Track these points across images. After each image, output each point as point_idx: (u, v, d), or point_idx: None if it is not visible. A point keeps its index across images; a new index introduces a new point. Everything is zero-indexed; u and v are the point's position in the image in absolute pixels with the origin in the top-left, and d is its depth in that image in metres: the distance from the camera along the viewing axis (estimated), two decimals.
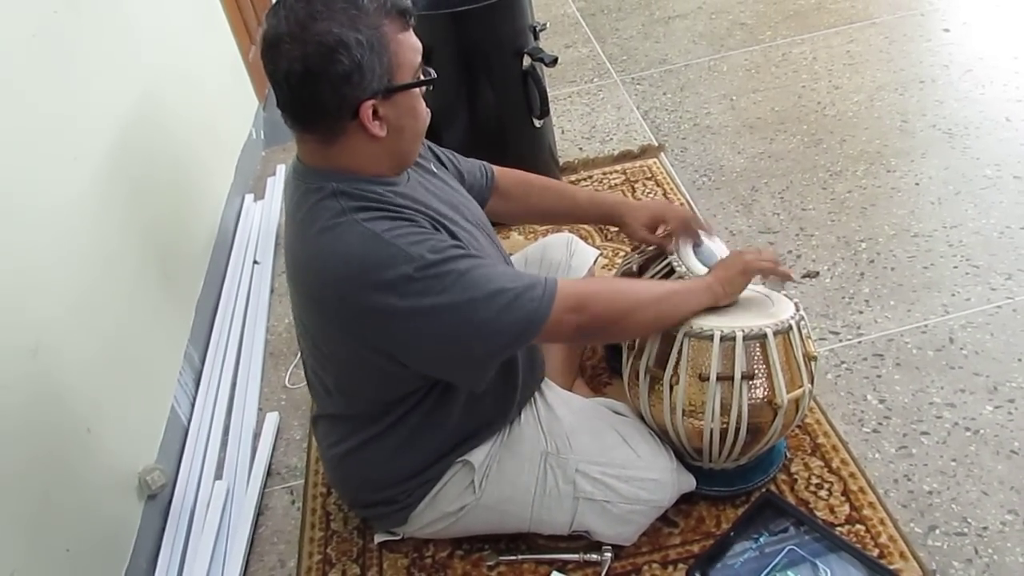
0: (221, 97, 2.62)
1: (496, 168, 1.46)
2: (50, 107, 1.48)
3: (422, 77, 1.07)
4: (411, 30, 1.05)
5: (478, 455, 1.25)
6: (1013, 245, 1.81)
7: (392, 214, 1.05)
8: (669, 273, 1.42)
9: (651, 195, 2.23)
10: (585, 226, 2.11)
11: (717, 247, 1.43)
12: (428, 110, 1.11)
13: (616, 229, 2.05)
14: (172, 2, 2.32)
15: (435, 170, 1.25)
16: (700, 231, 1.41)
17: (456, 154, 1.39)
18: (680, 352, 1.23)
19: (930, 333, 1.63)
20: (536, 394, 1.33)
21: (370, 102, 1.01)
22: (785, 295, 1.35)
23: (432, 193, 1.18)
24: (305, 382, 1.78)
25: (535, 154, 2.18)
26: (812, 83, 2.59)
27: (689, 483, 1.32)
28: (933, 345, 1.60)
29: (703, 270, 1.33)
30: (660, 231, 1.42)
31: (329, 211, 1.05)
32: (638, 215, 1.42)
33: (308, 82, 0.98)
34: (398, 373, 1.12)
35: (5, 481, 1.14)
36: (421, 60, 1.07)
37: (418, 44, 1.06)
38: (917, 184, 2.07)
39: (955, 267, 1.78)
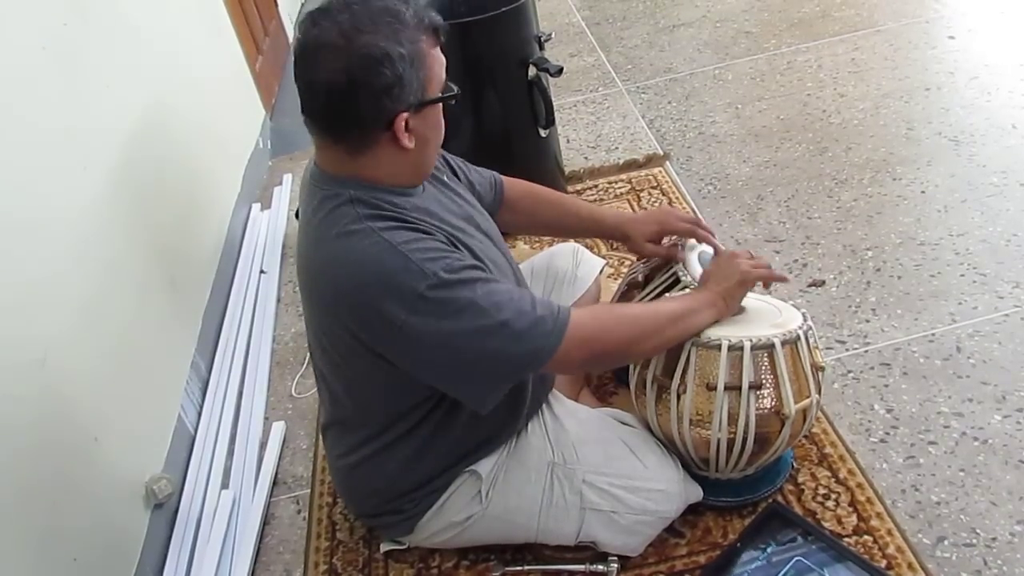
0: (228, 107, 2.63)
1: (505, 179, 1.46)
2: (59, 118, 1.49)
3: (444, 92, 1.08)
4: (440, 46, 1.06)
5: (485, 465, 1.25)
6: (1021, 253, 1.80)
7: (409, 225, 1.06)
8: (674, 283, 1.42)
9: (656, 204, 2.23)
10: None
11: None
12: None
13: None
14: (179, 13, 2.33)
15: (448, 181, 1.26)
16: (704, 239, 1.42)
17: (467, 163, 1.40)
18: (687, 361, 1.23)
19: (937, 342, 1.62)
20: (543, 405, 1.33)
21: (404, 115, 1.03)
22: (792, 304, 1.35)
23: (446, 206, 1.18)
24: (311, 392, 1.81)
25: (540, 164, 2.18)
26: (817, 91, 2.59)
27: (696, 494, 1.32)
28: (940, 354, 1.60)
29: None
30: (665, 241, 1.43)
31: (346, 217, 1.06)
32: (642, 230, 1.42)
33: (349, 93, 1.00)
34: (408, 382, 1.13)
35: (13, 491, 1.14)
36: (447, 74, 1.08)
37: (443, 59, 1.08)
38: (923, 192, 2.07)
39: (962, 275, 1.78)
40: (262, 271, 2.23)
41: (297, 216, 2.49)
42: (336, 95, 1.00)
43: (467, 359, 1.06)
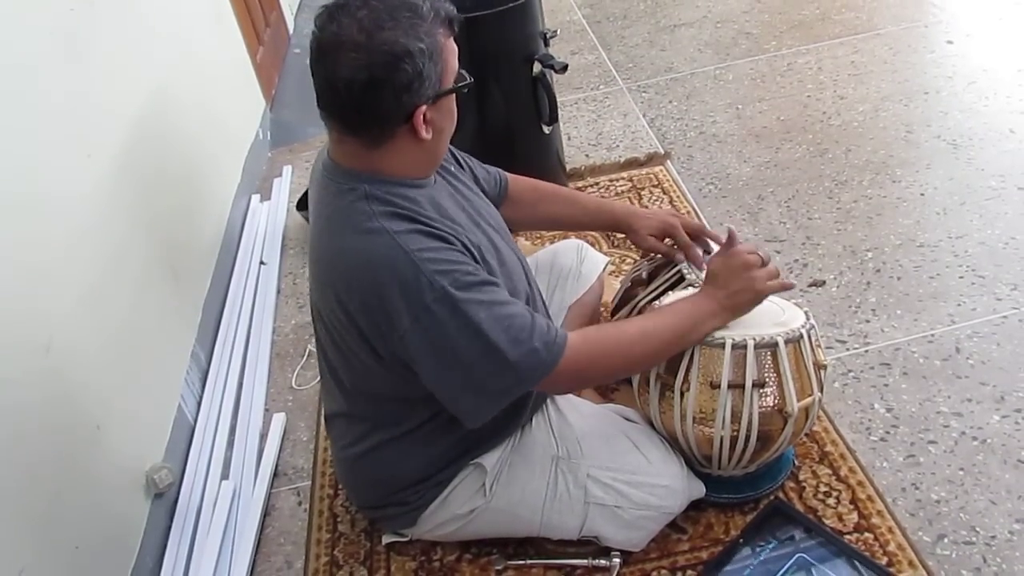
0: (229, 98, 2.62)
1: (509, 175, 1.47)
2: (65, 103, 1.49)
3: (459, 81, 1.09)
4: (453, 36, 1.07)
5: (490, 459, 1.26)
6: (1018, 256, 1.82)
7: (424, 228, 1.07)
8: (679, 280, 1.43)
9: (657, 202, 2.23)
10: (592, 232, 2.11)
11: None
12: None
13: (623, 236, 2.08)
14: (184, 3, 2.32)
15: (455, 172, 1.27)
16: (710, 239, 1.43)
17: (472, 158, 1.40)
18: (691, 360, 1.24)
19: (937, 343, 1.64)
20: (547, 399, 1.34)
21: (423, 107, 1.04)
22: (794, 304, 1.36)
23: (455, 199, 1.19)
24: (312, 384, 1.81)
25: (543, 160, 2.18)
26: (817, 93, 2.61)
27: (699, 490, 1.33)
28: (940, 355, 1.61)
29: None
30: (668, 242, 1.43)
31: (361, 215, 1.06)
32: (647, 224, 1.43)
33: (371, 89, 1.00)
34: (413, 377, 1.13)
35: (18, 478, 1.14)
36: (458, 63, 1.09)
37: (456, 48, 1.08)
38: (922, 194, 2.08)
39: (961, 277, 1.79)
40: (262, 262, 2.23)
41: (298, 208, 2.49)
42: (357, 92, 1.01)
43: (458, 377, 1.08)
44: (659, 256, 1.51)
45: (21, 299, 1.22)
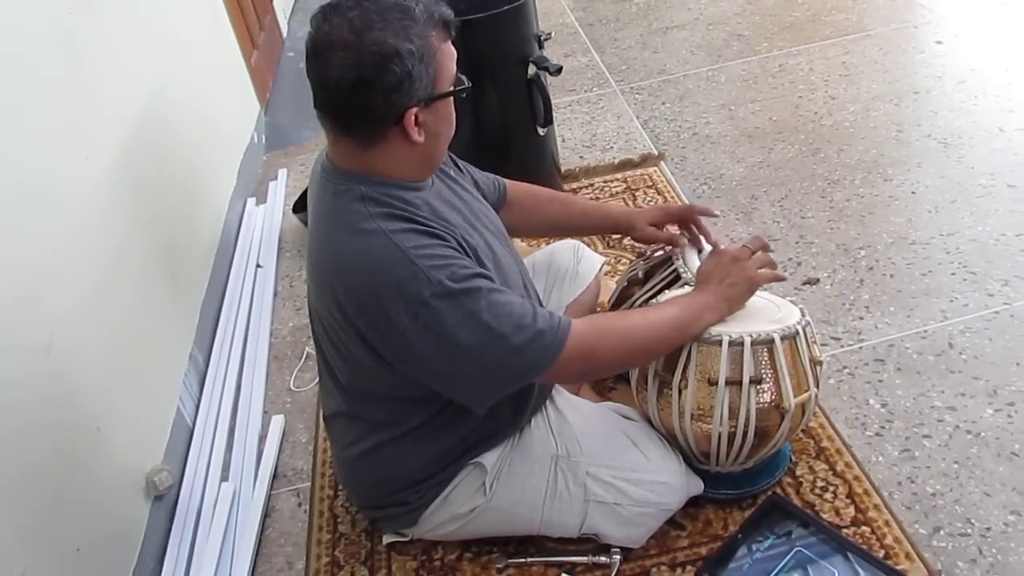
0: (224, 101, 2.63)
1: (507, 181, 1.48)
2: (64, 106, 1.49)
3: (457, 85, 1.10)
4: (451, 40, 1.08)
5: (490, 458, 1.27)
6: (1009, 252, 1.84)
7: (420, 227, 1.07)
8: (675, 279, 1.44)
9: (652, 203, 2.25)
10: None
11: None
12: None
13: (619, 236, 2.10)
14: (179, 5, 2.33)
15: (454, 175, 1.28)
16: (703, 238, 1.45)
17: (470, 165, 1.42)
18: (689, 357, 1.25)
19: (930, 338, 1.66)
20: (547, 400, 1.34)
21: (414, 109, 1.04)
22: (790, 301, 1.38)
23: (453, 202, 1.20)
24: (310, 385, 1.81)
25: (538, 162, 2.20)
26: (809, 93, 2.63)
27: (697, 486, 1.34)
28: (933, 350, 1.63)
29: None
30: (667, 228, 1.46)
31: (357, 215, 1.07)
32: (644, 216, 1.47)
33: (359, 89, 1.01)
34: (411, 377, 1.14)
35: (19, 479, 1.14)
36: (456, 67, 1.10)
37: (455, 52, 1.09)
38: (914, 193, 2.10)
39: (953, 274, 1.81)
40: (258, 265, 2.23)
41: (294, 211, 2.50)
42: (347, 91, 1.01)
43: (463, 368, 1.08)
44: (655, 255, 1.53)
45: (23, 299, 1.22)
